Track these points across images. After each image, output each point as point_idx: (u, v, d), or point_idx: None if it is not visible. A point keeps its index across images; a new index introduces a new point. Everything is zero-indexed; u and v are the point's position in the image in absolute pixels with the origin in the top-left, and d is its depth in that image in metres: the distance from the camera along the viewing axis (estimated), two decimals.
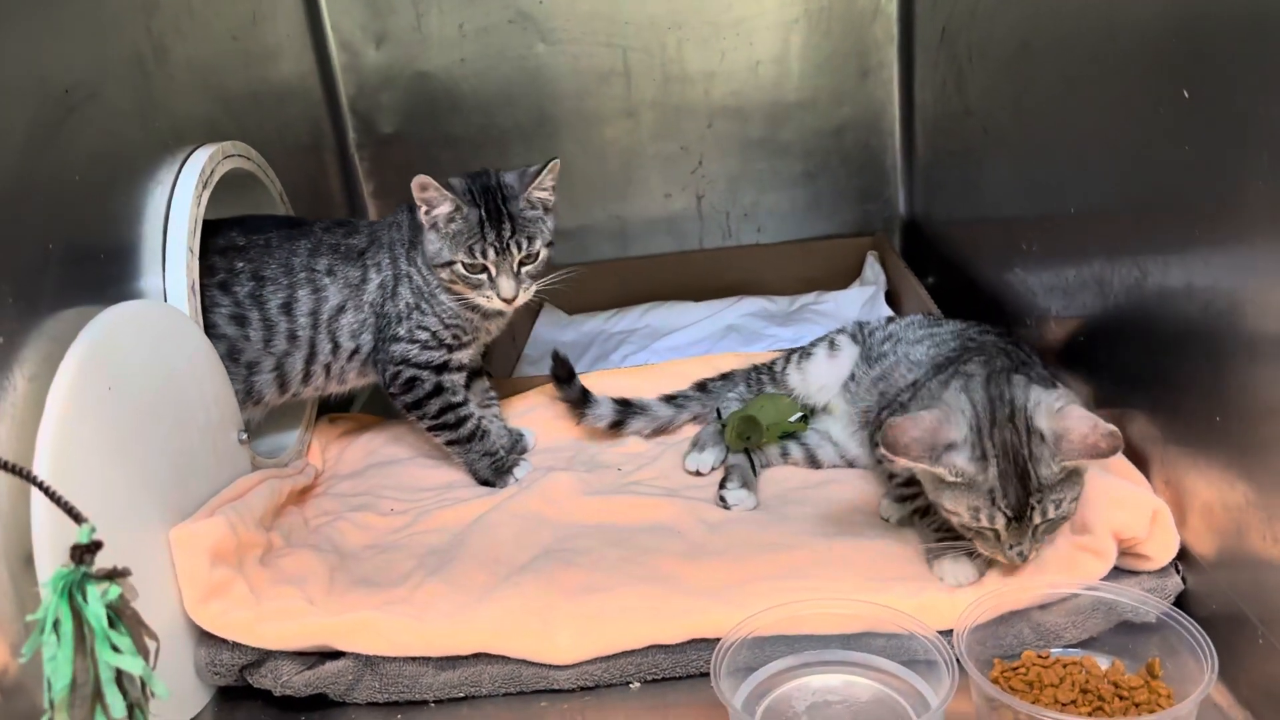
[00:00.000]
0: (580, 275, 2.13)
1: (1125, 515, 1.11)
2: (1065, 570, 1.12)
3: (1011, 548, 1.08)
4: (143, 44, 1.29)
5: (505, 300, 1.40)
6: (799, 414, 1.48)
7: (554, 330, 2.08)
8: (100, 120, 1.17)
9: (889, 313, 1.93)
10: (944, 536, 1.17)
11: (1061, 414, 1.08)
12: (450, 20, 1.99)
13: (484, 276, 1.40)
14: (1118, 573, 1.13)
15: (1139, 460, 1.19)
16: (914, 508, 1.24)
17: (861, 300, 2.01)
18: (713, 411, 1.56)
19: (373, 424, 1.66)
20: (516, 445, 1.58)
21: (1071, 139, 1.32)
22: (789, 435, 1.48)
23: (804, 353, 1.50)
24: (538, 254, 1.42)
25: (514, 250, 1.39)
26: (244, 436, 1.34)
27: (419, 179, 1.36)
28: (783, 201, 2.13)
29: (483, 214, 1.38)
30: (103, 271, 1.17)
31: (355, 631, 1.15)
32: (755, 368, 1.58)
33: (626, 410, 1.55)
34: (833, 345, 1.48)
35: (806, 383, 1.49)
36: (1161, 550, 1.11)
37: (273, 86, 1.74)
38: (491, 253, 1.38)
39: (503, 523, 1.36)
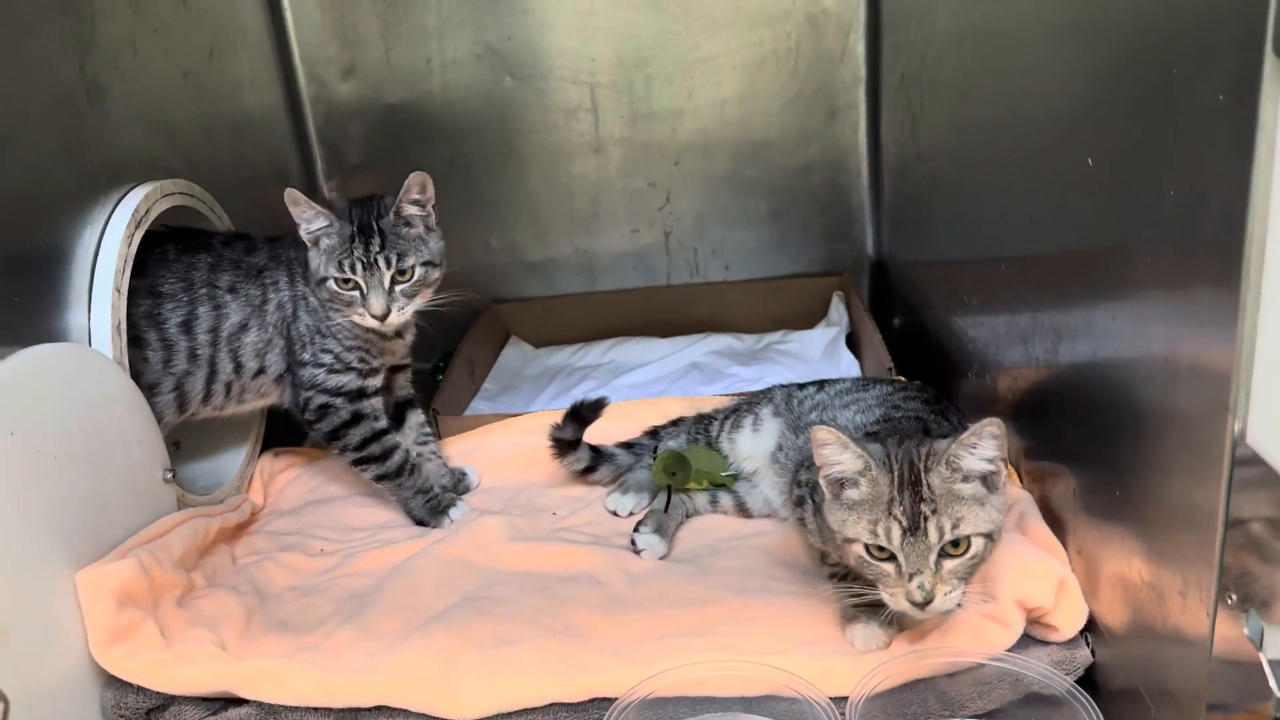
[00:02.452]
0: (548, 308, 2.16)
1: (1031, 584, 1.08)
2: (971, 639, 1.10)
3: (912, 578, 1.03)
4: (74, 83, 1.31)
5: (375, 317, 1.39)
6: (730, 472, 1.47)
7: (518, 363, 2.08)
8: (20, 162, 1.18)
9: (849, 356, 1.91)
10: (858, 602, 1.16)
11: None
12: (419, 54, 2.00)
13: (355, 293, 1.39)
14: (1026, 642, 1.11)
15: (1057, 526, 1.17)
16: (831, 571, 1.22)
17: (825, 341, 2.00)
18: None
19: (318, 458, 1.66)
20: (458, 485, 1.57)
21: (1001, 194, 1.31)
22: (719, 485, 1.46)
23: (734, 423, 1.49)
24: (411, 270, 1.40)
25: (382, 265, 1.38)
26: (169, 475, 1.35)
27: (290, 193, 1.36)
28: (749, 239, 2.12)
29: (354, 230, 1.38)
30: (22, 312, 1.18)
31: (258, 680, 1.14)
32: (698, 419, 1.57)
33: (599, 458, 1.55)
34: (756, 420, 1.47)
35: (735, 452, 1.48)
36: (1068, 621, 1.09)
37: (230, 119, 1.75)
38: (360, 267, 1.37)
39: (426, 568, 1.36)
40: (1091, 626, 1.09)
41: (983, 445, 1.05)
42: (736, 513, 1.45)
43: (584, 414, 1.52)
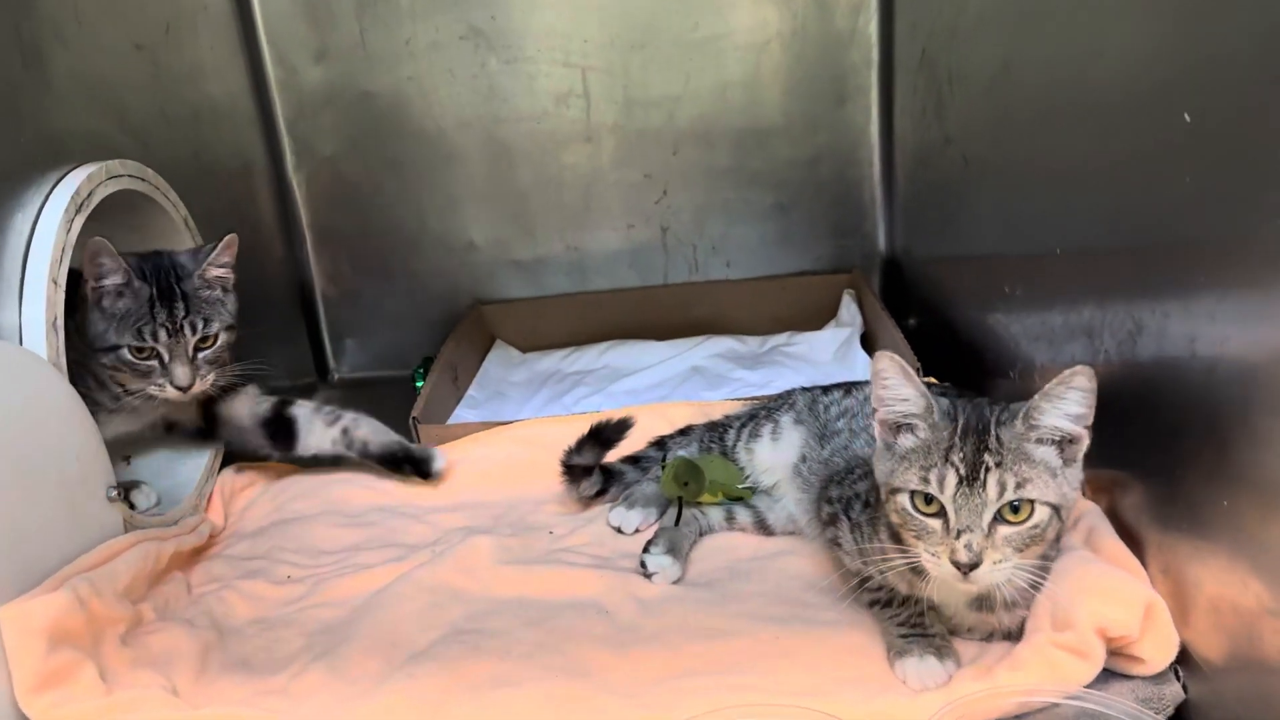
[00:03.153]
0: (537, 309, 2.01)
1: (1113, 609, 0.94)
2: (1044, 673, 0.95)
3: (960, 534, 0.90)
4: (8, 50, 1.14)
5: (180, 389, 1.27)
6: (748, 484, 1.32)
7: (505, 369, 1.92)
8: None
9: (864, 358, 1.77)
10: (908, 632, 1.01)
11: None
12: (396, 35, 1.84)
13: (155, 363, 1.26)
14: (1108, 676, 0.96)
15: (1133, 543, 1.03)
16: (873, 598, 1.07)
17: (836, 343, 1.86)
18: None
19: (285, 474, 1.50)
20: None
21: (1057, 169, 1.17)
22: (735, 499, 1.31)
23: (753, 431, 1.34)
24: (215, 337, 1.30)
25: (188, 332, 1.26)
26: (114, 493, 1.18)
27: (95, 242, 1.20)
28: (753, 235, 1.98)
29: (154, 292, 1.25)
30: None
31: None
32: (711, 426, 1.41)
33: (609, 478, 1.39)
34: (776, 429, 1.31)
35: (753, 464, 1.33)
36: (1158, 652, 0.95)
37: (189, 103, 1.59)
38: (164, 334, 1.25)
39: (408, 595, 1.20)
40: (1182, 658, 0.95)
41: (1070, 398, 0.91)
42: (756, 530, 1.30)
43: (608, 436, 1.36)
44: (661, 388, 1.81)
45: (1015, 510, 0.91)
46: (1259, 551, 0.82)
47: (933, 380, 1.41)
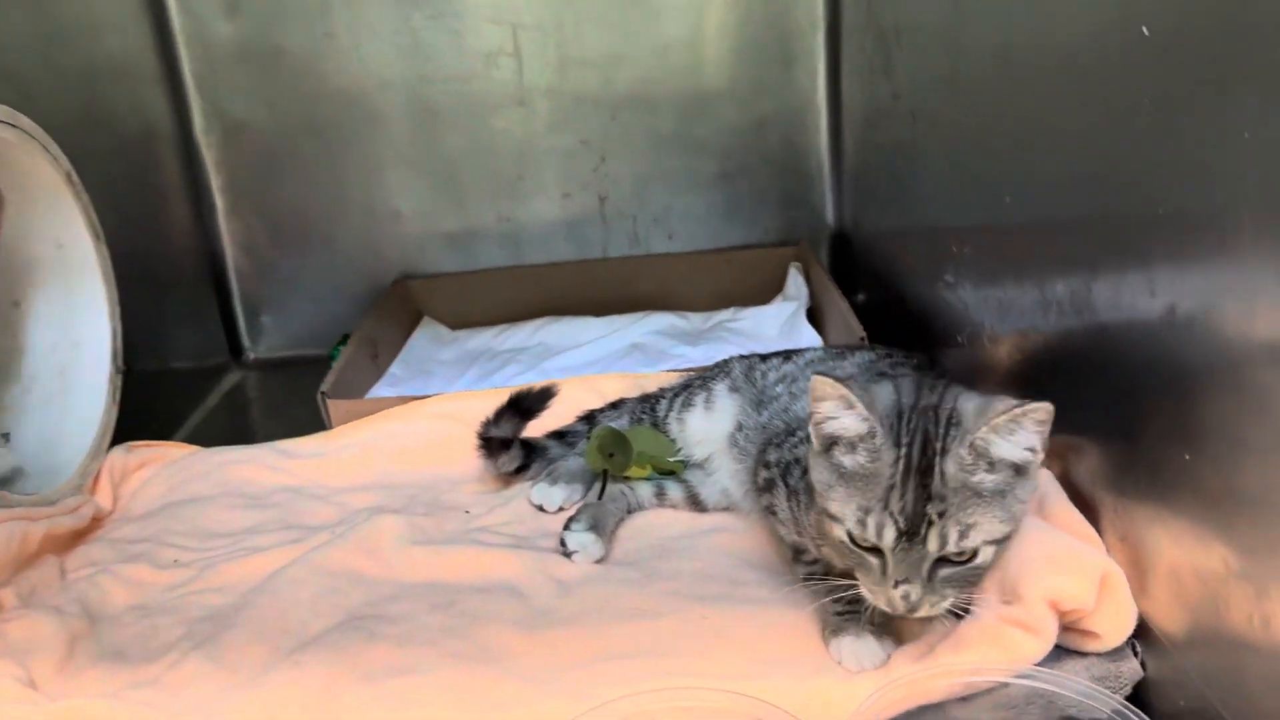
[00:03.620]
0: (467, 284, 1.90)
1: (1066, 579, 0.86)
2: (991, 651, 0.86)
3: (898, 584, 0.82)
4: None
5: None
6: (679, 457, 1.23)
7: (432, 347, 1.81)
8: None
9: (810, 332, 1.69)
10: (845, 609, 0.92)
11: (993, 398, 0.85)
12: None
13: None
14: (1060, 654, 0.88)
15: (1088, 510, 0.95)
16: (808, 572, 0.99)
17: (782, 318, 1.77)
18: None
19: (181, 455, 1.38)
20: None
21: (1008, 119, 1.09)
22: (666, 473, 1.22)
23: (685, 401, 1.25)
24: None
25: None
26: None
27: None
28: (697, 205, 1.89)
29: None
30: None
31: None
32: (643, 399, 1.32)
33: (531, 454, 1.29)
34: (709, 397, 1.22)
35: (686, 435, 1.24)
36: (1113, 626, 0.87)
37: (83, 56, 1.48)
38: None
39: (304, 579, 1.09)
40: (1140, 633, 0.87)
41: (1023, 433, 0.82)
42: (688, 506, 1.20)
43: (528, 405, 1.26)
44: (598, 365, 1.70)
45: (960, 553, 0.83)
46: (1223, 509, 0.74)
47: (878, 346, 1.32)
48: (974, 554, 0.83)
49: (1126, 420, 0.89)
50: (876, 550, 0.84)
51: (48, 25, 1.41)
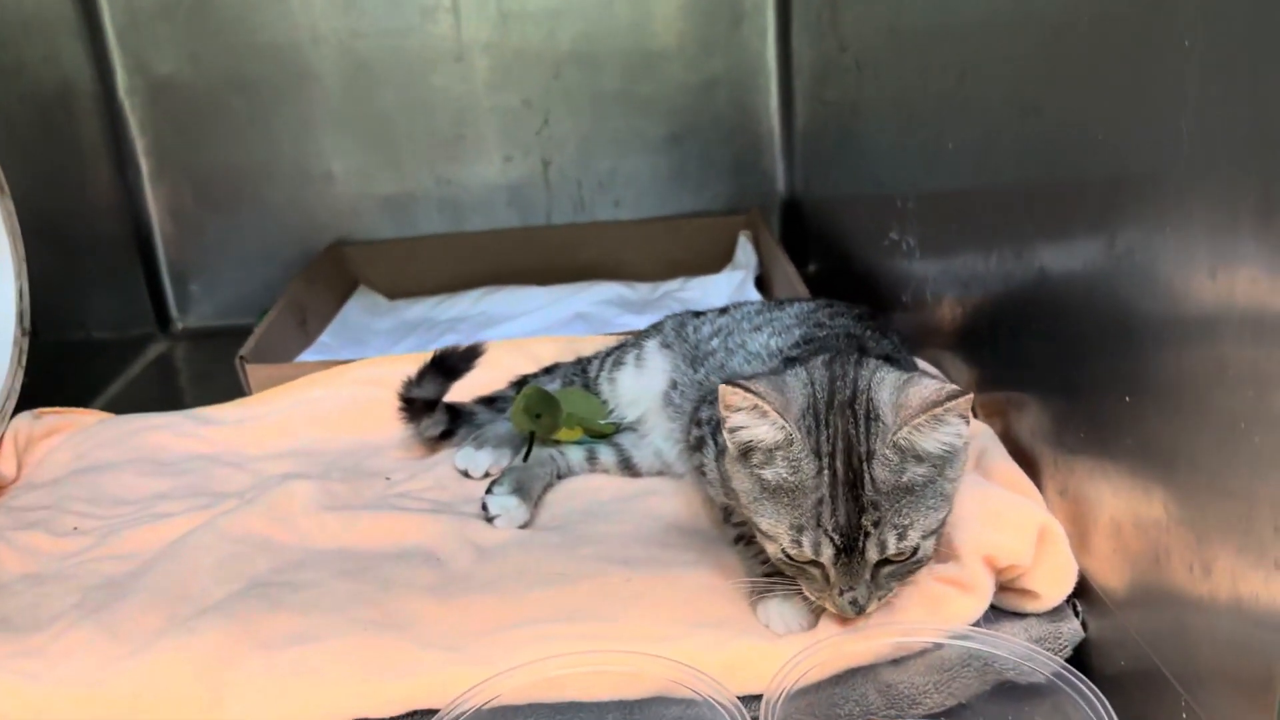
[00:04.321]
0: (404, 251, 1.84)
1: (1002, 535, 0.82)
2: (923, 611, 0.82)
3: (843, 593, 0.78)
4: None
5: None
6: (611, 420, 1.17)
7: (367, 316, 1.75)
8: None
9: (757, 299, 1.64)
10: (772, 570, 0.87)
11: (909, 383, 0.79)
12: None
13: None
14: (998, 614, 0.84)
15: (1029, 466, 0.91)
16: (738, 533, 0.94)
17: (731, 287, 1.73)
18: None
19: (94, 423, 1.31)
20: None
21: (950, 69, 1.04)
22: (598, 436, 1.16)
23: (615, 360, 1.19)
24: None
25: None
26: None
27: None
28: (644, 169, 1.83)
29: None
30: None
31: None
32: (576, 362, 1.27)
33: (456, 419, 1.23)
34: (640, 356, 1.17)
35: (617, 395, 1.18)
36: (1052, 584, 0.83)
37: None
38: None
39: (208, 546, 1.03)
40: (1082, 591, 0.83)
41: (947, 427, 0.76)
42: (620, 471, 1.15)
43: (453, 365, 1.20)
44: (541, 335, 1.65)
45: (901, 552, 0.78)
46: (1163, 452, 0.70)
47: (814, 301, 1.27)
48: (915, 551, 0.78)
49: (1067, 372, 0.86)
50: (816, 563, 0.79)
51: None
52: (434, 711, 0.79)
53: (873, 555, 0.77)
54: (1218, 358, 0.62)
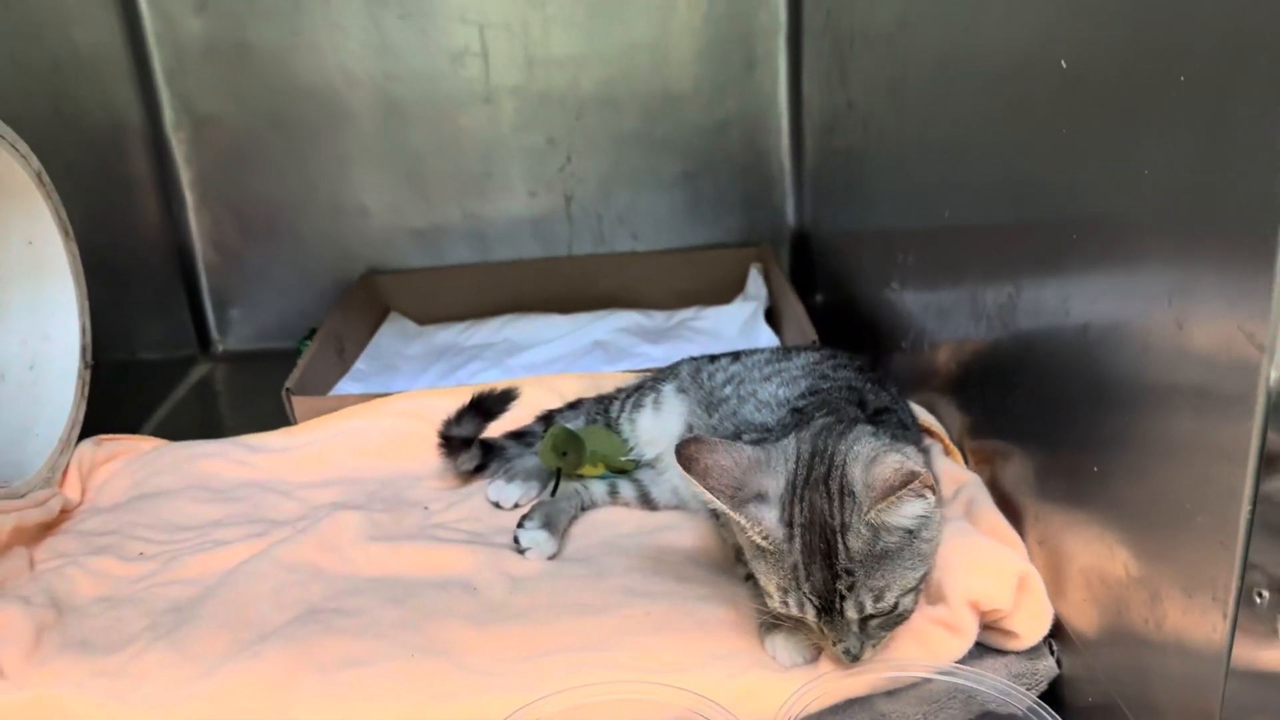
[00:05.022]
0: (433, 280, 1.94)
1: (986, 582, 0.91)
2: (916, 649, 0.92)
3: (836, 643, 0.87)
4: None
5: None
6: (631, 456, 1.27)
7: (399, 342, 1.85)
8: None
9: (768, 332, 1.73)
10: None
11: (875, 461, 0.87)
12: None
13: None
14: (981, 651, 0.93)
15: (1012, 514, 1.00)
16: (747, 572, 1.03)
17: (742, 317, 1.82)
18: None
19: (149, 448, 1.41)
20: None
21: (946, 134, 1.14)
22: (619, 471, 1.26)
23: (635, 402, 1.29)
24: None
25: None
26: None
27: None
28: (661, 205, 1.92)
29: None
30: None
31: (36, 712, 0.94)
32: (598, 399, 1.37)
33: (489, 454, 1.33)
34: (658, 398, 1.26)
35: (636, 435, 1.28)
36: (1030, 626, 0.92)
37: (49, 52, 1.49)
38: None
39: (265, 573, 1.13)
40: (1057, 632, 0.92)
41: (908, 505, 0.85)
42: (640, 504, 1.25)
43: (489, 406, 1.30)
44: (561, 362, 1.74)
45: (881, 610, 0.86)
46: (1126, 518, 0.79)
47: (825, 348, 1.36)
48: (895, 607, 0.86)
49: (1048, 429, 0.94)
50: (806, 621, 0.88)
51: (16, 20, 1.43)
52: None
53: (852, 615, 0.85)
54: (1167, 433, 0.71)
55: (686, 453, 0.89)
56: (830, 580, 0.85)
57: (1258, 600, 0.62)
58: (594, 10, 1.79)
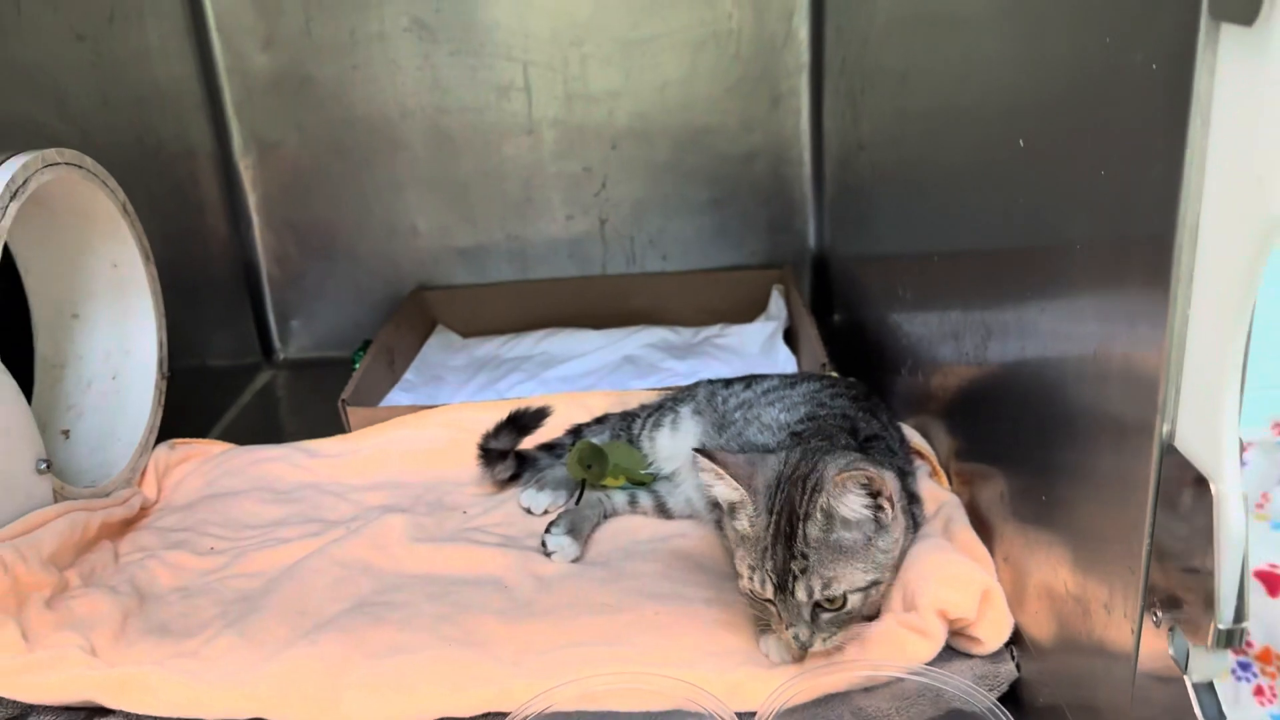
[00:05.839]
0: (477, 296, 2.08)
1: (953, 593, 1.02)
2: (890, 650, 1.03)
3: (789, 627, 0.99)
4: None
5: None
6: (650, 470, 1.40)
7: (444, 354, 1.99)
8: None
9: (786, 352, 1.84)
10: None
11: (844, 463, 1.00)
12: (342, 25, 1.90)
13: None
14: (950, 655, 1.05)
15: (985, 532, 1.11)
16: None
17: (763, 336, 1.93)
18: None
19: (218, 452, 1.57)
20: None
21: (939, 186, 1.25)
22: (638, 484, 1.39)
23: (655, 422, 1.42)
24: None
25: None
26: (44, 466, 1.25)
27: None
28: (689, 228, 2.05)
29: None
30: None
31: (125, 689, 1.06)
32: (623, 415, 1.49)
33: (523, 464, 1.47)
34: (675, 419, 1.40)
35: (655, 451, 1.41)
36: (993, 634, 1.03)
37: (133, 89, 1.65)
38: None
39: (321, 569, 1.27)
40: (1017, 639, 1.03)
41: (850, 496, 0.98)
42: (657, 513, 1.37)
43: (525, 423, 1.44)
44: (593, 375, 1.87)
45: (830, 600, 0.99)
46: (1065, 541, 0.90)
47: (831, 375, 1.48)
48: (843, 602, 0.99)
49: (1013, 457, 1.05)
50: (769, 601, 1.01)
51: (104, 60, 1.57)
52: (503, 714, 1.02)
53: (802, 596, 0.98)
54: (1092, 467, 0.82)
55: (708, 452, 1.04)
56: (787, 561, 0.98)
57: (1155, 619, 0.73)
58: (629, 50, 1.92)
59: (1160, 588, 0.73)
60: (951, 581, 1.03)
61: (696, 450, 1.05)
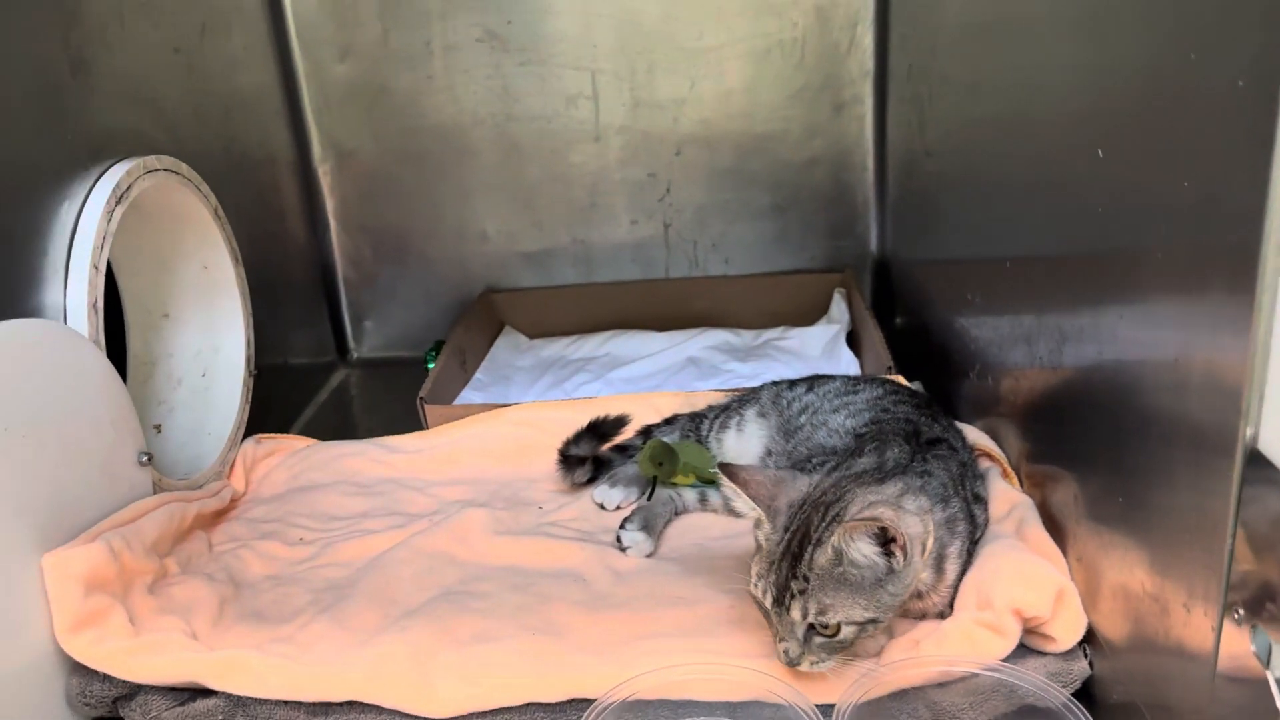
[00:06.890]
0: (544, 298, 2.13)
1: (1028, 592, 1.04)
2: (965, 647, 1.05)
3: (780, 640, 1.02)
4: (57, 56, 1.27)
5: None
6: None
7: (512, 354, 2.04)
8: None
9: (849, 355, 1.87)
10: None
11: (867, 504, 1.02)
12: (417, 37, 1.96)
13: None
14: (1023, 652, 1.07)
15: (1058, 533, 1.13)
16: None
17: (826, 338, 1.96)
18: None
19: (302, 447, 1.63)
20: None
21: (1009, 191, 1.27)
22: (707, 482, 1.42)
23: (722, 424, 1.46)
24: None
25: None
26: (145, 459, 1.31)
27: None
28: (751, 233, 2.08)
29: None
30: None
31: (227, 670, 1.11)
32: (692, 416, 1.53)
33: (599, 466, 1.51)
34: (741, 422, 1.44)
35: (723, 451, 1.45)
36: (1066, 632, 1.05)
37: (221, 98, 1.71)
38: None
39: (407, 560, 1.32)
40: (1090, 638, 1.05)
41: (860, 543, 0.99)
42: (725, 511, 1.41)
43: (604, 430, 1.48)
44: (657, 377, 1.91)
45: (824, 625, 1.01)
46: (1142, 541, 0.92)
47: (894, 380, 1.50)
48: (837, 630, 1.00)
49: (1087, 459, 1.06)
50: (767, 611, 1.04)
51: (196, 74, 1.65)
52: (585, 700, 1.06)
53: (796, 615, 1.00)
54: (1172, 468, 0.85)
55: (729, 470, 1.08)
56: (789, 579, 1.01)
57: (1236, 616, 0.76)
58: (693, 59, 1.96)
59: (1242, 588, 0.75)
60: (1027, 580, 1.05)
61: (720, 466, 1.08)
